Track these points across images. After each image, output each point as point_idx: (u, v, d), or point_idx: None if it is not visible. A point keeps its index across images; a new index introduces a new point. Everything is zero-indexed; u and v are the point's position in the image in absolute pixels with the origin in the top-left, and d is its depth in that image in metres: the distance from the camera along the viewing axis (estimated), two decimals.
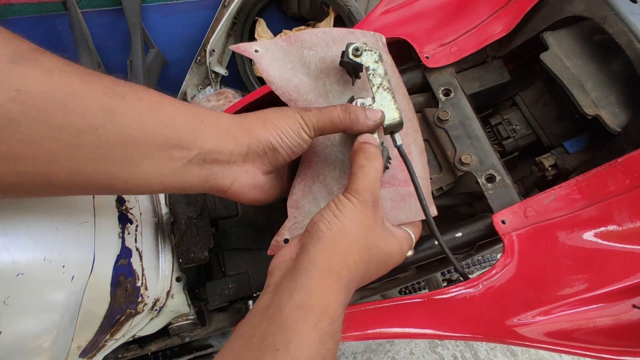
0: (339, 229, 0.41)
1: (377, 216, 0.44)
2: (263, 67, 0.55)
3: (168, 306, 0.62)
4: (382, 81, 0.50)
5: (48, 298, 0.48)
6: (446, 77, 0.67)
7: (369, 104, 0.50)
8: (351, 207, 0.42)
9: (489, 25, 0.67)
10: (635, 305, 0.51)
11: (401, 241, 0.48)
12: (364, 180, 0.44)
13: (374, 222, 0.43)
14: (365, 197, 0.43)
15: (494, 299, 0.53)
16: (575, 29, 0.61)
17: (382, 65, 0.50)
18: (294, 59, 0.56)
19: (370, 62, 0.50)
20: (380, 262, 0.44)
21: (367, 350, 1.61)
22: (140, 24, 1.82)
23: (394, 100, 0.50)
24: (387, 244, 0.45)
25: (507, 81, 0.68)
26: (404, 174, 0.53)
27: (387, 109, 0.49)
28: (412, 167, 0.50)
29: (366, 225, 0.42)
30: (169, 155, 0.41)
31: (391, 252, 0.45)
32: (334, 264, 0.39)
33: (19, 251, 0.44)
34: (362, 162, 0.45)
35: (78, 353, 0.58)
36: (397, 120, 0.49)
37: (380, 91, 0.50)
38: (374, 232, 0.43)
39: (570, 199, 0.53)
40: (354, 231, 0.41)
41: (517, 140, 0.68)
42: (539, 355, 1.63)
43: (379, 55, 0.50)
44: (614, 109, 0.56)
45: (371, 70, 0.50)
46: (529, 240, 0.53)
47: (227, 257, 0.69)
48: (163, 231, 0.64)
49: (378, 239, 0.44)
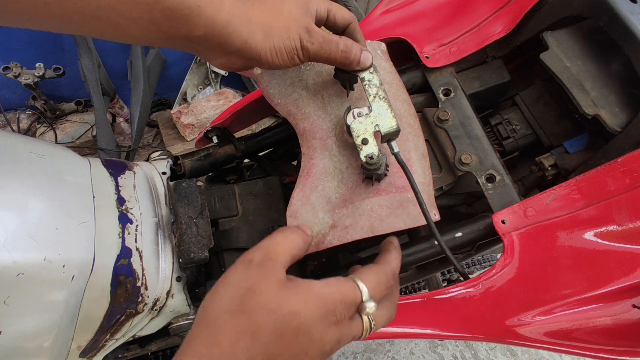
0: (208, 302, 0.36)
1: (265, 275, 0.36)
2: (263, 85, 0.58)
3: (168, 306, 0.62)
4: (378, 91, 0.51)
5: (48, 298, 0.49)
6: (446, 77, 0.67)
7: (365, 113, 0.50)
8: (230, 272, 0.37)
9: (489, 25, 0.67)
10: (635, 305, 0.51)
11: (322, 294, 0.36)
12: (260, 243, 0.39)
13: (259, 282, 0.35)
14: (249, 257, 0.37)
15: (494, 299, 0.53)
16: (575, 29, 0.61)
17: (377, 75, 0.51)
18: (292, 75, 0.58)
19: (365, 73, 0.51)
20: (280, 326, 0.34)
21: (367, 350, 1.61)
22: None
23: (390, 109, 0.50)
24: (283, 303, 0.34)
25: (507, 81, 0.68)
26: (402, 180, 0.53)
27: (384, 118, 0.50)
28: (410, 173, 0.50)
29: (245, 288, 0.35)
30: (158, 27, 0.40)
31: (296, 310, 0.34)
32: (196, 346, 0.33)
33: (19, 251, 0.44)
34: (272, 234, 0.41)
35: (78, 353, 0.58)
36: (394, 128, 0.49)
37: (376, 100, 0.50)
38: (256, 294, 0.34)
39: (570, 199, 0.53)
40: (226, 299, 0.35)
41: (517, 140, 0.68)
42: (539, 355, 1.63)
43: (373, 66, 0.51)
44: (613, 109, 0.56)
45: (366, 80, 0.51)
46: (529, 240, 0.53)
47: (227, 257, 0.69)
48: (163, 231, 0.64)
49: (265, 300, 0.34)
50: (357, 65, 0.49)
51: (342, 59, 0.48)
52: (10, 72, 1.66)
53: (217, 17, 0.41)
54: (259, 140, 0.80)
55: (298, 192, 0.56)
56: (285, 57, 0.45)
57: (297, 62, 0.46)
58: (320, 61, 0.48)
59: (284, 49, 0.44)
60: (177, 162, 0.76)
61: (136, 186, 0.65)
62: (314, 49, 0.46)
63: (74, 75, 1.77)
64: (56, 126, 1.98)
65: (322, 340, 0.35)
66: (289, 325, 0.34)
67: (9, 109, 2.02)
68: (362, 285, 0.38)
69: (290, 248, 0.39)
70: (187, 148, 2.05)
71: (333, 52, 0.47)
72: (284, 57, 0.45)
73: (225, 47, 0.43)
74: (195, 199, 0.66)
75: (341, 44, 0.47)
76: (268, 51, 0.44)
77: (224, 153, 0.78)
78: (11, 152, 0.51)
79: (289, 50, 0.45)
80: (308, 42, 0.45)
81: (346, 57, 0.48)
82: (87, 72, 1.61)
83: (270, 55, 0.44)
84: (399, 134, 0.51)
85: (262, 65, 0.46)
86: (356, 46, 0.48)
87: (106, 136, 1.58)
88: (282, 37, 0.44)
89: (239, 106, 0.74)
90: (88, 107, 2.03)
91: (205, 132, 0.78)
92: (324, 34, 0.46)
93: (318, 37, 0.45)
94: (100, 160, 0.66)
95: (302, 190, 0.55)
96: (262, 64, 0.45)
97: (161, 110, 2.26)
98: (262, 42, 0.43)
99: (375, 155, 0.49)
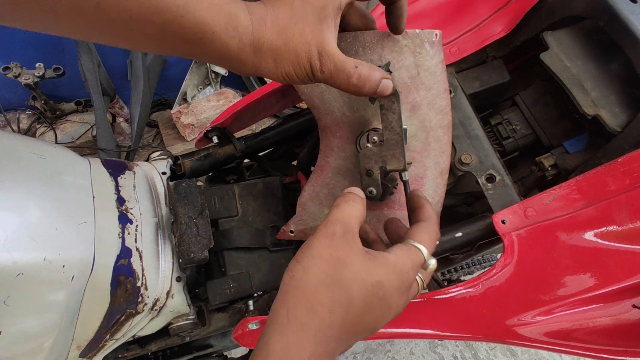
0: (300, 273, 0.37)
1: (350, 247, 0.38)
2: None
3: (168, 306, 0.62)
4: (394, 125, 0.46)
5: (48, 298, 0.48)
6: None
7: (379, 140, 0.48)
8: (315, 244, 0.38)
9: (489, 25, 0.67)
10: (635, 305, 0.51)
11: (398, 264, 0.39)
12: (335, 215, 0.40)
13: (346, 253, 0.37)
14: (331, 230, 0.38)
15: (494, 299, 0.53)
16: (575, 29, 0.61)
17: (398, 104, 0.46)
18: None
19: (385, 101, 0.46)
20: (369, 297, 0.37)
21: (367, 350, 1.61)
22: None
23: (401, 148, 0.47)
24: (370, 274, 0.37)
25: (507, 81, 0.68)
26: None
27: (393, 154, 0.47)
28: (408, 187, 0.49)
29: (334, 259, 0.37)
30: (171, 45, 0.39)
31: (381, 280, 0.37)
32: (296, 314, 0.35)
33: (19, 251, 0.44)
34: (337, 202, 0.42)
35: (78, 353, 0.58)
36: (400, 168, 0.47)
37: (390, 133, 0.47)
38: (347, 265, 0.37)
39: (570, 199, 0.53)
40: (318, 271, 0.36)
41: (517, 140, 0.68)
42: (539, 355, 1.63)
43: (396, 91, 0.46)
44: (613, 109, 0.56)
45: (385, 109, 0.46)
46: (529, 240, 0.53)
47: (227, 256, 0.69)
48: (163, 231, 0.64)
49: (355, 271, 0.37)
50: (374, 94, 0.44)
51: (355, 91, 0.43)
52: (10, 72, 1.66)
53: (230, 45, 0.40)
54: (259, 140, 0.80)
55: (309, 186, 0.59)
56: (297, 80, 0.44)
57: (313, 82, 0.44)
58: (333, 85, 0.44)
59: (295, 75, 0.43)
60: (177, 162, 0.76)
61: (136, 186, 0.65)
62: (323, 78, 0.43)
63: (74, 75, 1.77)
64: (56, 126, 1.98)
65: (397, 306, 0.39)
66: (375, 295, 0.37)
67: (9, 109, 2.02)
68: (423, 247, 0.41)
69: (359, 217, 0.41)
70: (187, 148, 2.05)
71: (343, 84, 0.43)
72: (296, 80, 0.44)
73: (239, 70, 0.43)
74: (195, 199, 0.66)
75: (354, 77, 0.42)
76: (280, 76, 0.43)
77: (224, 153, 0.78)
78: (11, 152, 0.51)
79: (301, 75, 0.43)
80: (318, 71, 0.42)
81: (359, 90, 0.43)
82: (87, 72, 1.61)
83: (284, 79, 0.44)
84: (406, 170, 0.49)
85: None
86: (374, 78, 0.43)
87: (106, 136, 1.58)
88: (292, 63, 0.42)
89: (239, 106, 0.74)
90: (88, 107, 2.03)
91: (205, 132, 0.78)
92: (337, 60, 0.42)
93: (329, 64, 0.42)
94: (100, 161, 0.66)
95: (313, 185, 0.59)
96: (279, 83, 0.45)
97: (161, 110, 2.26)
98: (274, 69, 0.42)
99: (375, 191, 0.49)
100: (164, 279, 0.61)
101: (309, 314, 0.35)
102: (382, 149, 0.47)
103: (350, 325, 0.36)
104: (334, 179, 0.57)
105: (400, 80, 0.52)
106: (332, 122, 0.55)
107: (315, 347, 0.34)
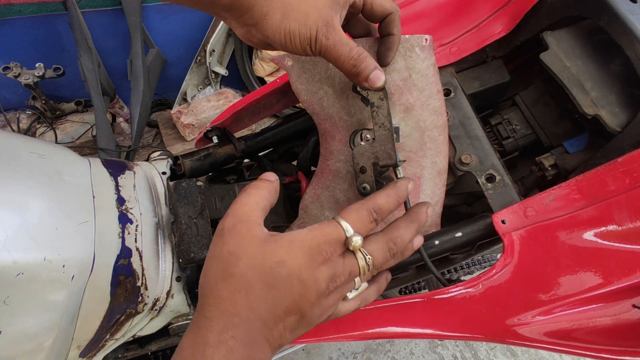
0: (202, 279, 0.40)
1: (242, 237, 0.38)
2: (293, 79, 0.58)
3: (168, 306, 0.62)
4: (384, 121, 0.48)
5: (48, 298, 0.49)
6: (446, 77, 0.67)
7: (371, 138, 0.49)
8: (210, 246, 0.40)
9: (489, 25, 0.67)
10: (635, 305, 0.51)
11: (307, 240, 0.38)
12: (228, 211, 0.41)
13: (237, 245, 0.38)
14: (220, 227, 0.40)
15: (494, 299, 0.53)
16: (575, 29, 0.61)
17: (387, 103, 0.48)
18: (321, 71, 0.57)
19: (375, 99, 0.48)
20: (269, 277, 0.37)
21: (367, 350, 1.61)
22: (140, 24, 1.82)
23: (391, 143, 0.48)
24: (268, 256, 0.37)
25: (507, 81, 0.68)
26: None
27: (384, 150, 0.48)
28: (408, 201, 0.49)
29: (227, 254, 0.38)
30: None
31: (283, 259, 0.37)
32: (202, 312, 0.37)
33: (19, 251, 0.44)
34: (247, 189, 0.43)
35: (78, 353, 0.58)
36: (391, 163, 0.48)
37: (380, 130, 0.49)
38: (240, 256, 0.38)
39: (570, 199, 0.53)
40: (214, 269, 0.38)
41: (517, 140, 0.68)
42: (539, 355, 1.63)
43: (385, 92, 0.49)
44: (613, 109, 0.56)
45: (375, 107, 0.49)
46: (529, 240, 0.53)
47: None
48: (163, 231, 0.64)
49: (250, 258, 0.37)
50: (365, 80, 0.46)
51: (350, 66, 0.45)
52: (10, 72, 1.67)
53: None
54: (259, 140, 0.80)
55: (311, 189, 0.60)
56: (297, 44, 0.44)
57: (308, 52, 0.45)
58: (330, 60, 0.46)
59: (298, 35, 0.43)
60: (177, 162, 0.76)
61: (136, 186, 0.65)
62: (326, 44, 0.43)
63: (74, 75, 1.77)
64: (56, 126, 1.99)
65: (315, 280, 0.37)
66: (277, 274, 0.37)
67: (9, 109, 2.02)
68: (344, 222, 0.40)
69: (257, 203, 0.41)
70: (187, 148, 2.05)
71: (343, 56, 0.44)
72: (296, 44, 0.44)
73: (245, 19, 0.43)
74: (195, 199, 0.66)
75: (355, 51, 0.44)
76: (282, 33, 0.43)
77: (224, 153, 0.78)
78: (11, 152, 0.51)
79: (303, 38, 0.43)
80: (323, 36, 0.43)
81: (355, 67, 0.45)
82: (87, 72, 1.61)
83: (284, 38, 0.43)
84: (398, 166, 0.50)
85: (275, 46, 0.45)
86: (371, 62, 0.46)
87: (106, 136, 1.58)
88: (299, 22, 0.42)
89: (239, 106, 0.74)
90: (88, 107, 2.04)
91: (205, 132, 0.78)
92: (342, 35, 0.44)
93: (335, 35, 0.43)
94: (100, 160, 0.66)
95: (314, 188, 0.60)
96: (275, 44, 0.44)
97: (161, 110, 2.26)
98: (279, 22, 0.42)
99: (368, 187, 0.49)
100: (164, 279, 0.61)
101: (212, 308, 0.37)
102: (374, 146, 0.49)
103: (264, 308, 0.36)
104: (334, 181, 0.58)
105: (392, 82, 0.54)
106: (331, 127, 0.58)
107: (219, 334, 0.35)
